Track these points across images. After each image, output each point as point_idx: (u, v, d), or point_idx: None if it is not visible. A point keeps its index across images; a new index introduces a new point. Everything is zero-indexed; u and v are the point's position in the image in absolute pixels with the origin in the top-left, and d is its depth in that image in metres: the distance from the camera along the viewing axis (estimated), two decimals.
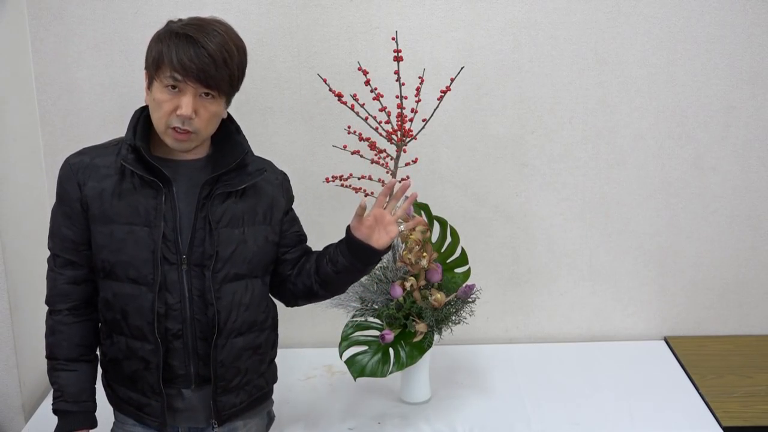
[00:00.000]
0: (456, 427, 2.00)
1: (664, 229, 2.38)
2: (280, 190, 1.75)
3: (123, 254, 1.60)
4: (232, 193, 1.65)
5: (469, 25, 2.24)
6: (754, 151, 2.33)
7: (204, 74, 1.54)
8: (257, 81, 2.26)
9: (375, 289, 1.98)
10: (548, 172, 2.34)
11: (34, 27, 2.21)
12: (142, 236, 1.60)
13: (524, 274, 2.42)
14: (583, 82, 2.28)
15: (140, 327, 1.62)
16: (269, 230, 1.71)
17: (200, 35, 1.54)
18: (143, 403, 1.67)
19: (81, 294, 1.67)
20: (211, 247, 1.62)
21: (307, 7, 2.22)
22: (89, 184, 1.61)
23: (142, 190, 1.61)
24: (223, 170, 1.64)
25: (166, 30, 1.58)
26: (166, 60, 1.54)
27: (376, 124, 1.95)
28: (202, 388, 1.68)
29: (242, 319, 1.67)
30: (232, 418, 1.72)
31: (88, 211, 1.62)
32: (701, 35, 2.25)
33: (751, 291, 2.43)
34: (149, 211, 1.60)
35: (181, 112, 1.55)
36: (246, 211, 1.67)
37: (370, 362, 1.94)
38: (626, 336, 2.45)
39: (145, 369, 1.64)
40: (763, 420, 2.01)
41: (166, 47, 1.54)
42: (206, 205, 1.62)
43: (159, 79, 1.56)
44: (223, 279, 1.64)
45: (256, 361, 1.72)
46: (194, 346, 1.64)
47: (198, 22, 1.58)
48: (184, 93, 1.55)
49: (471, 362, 2.30)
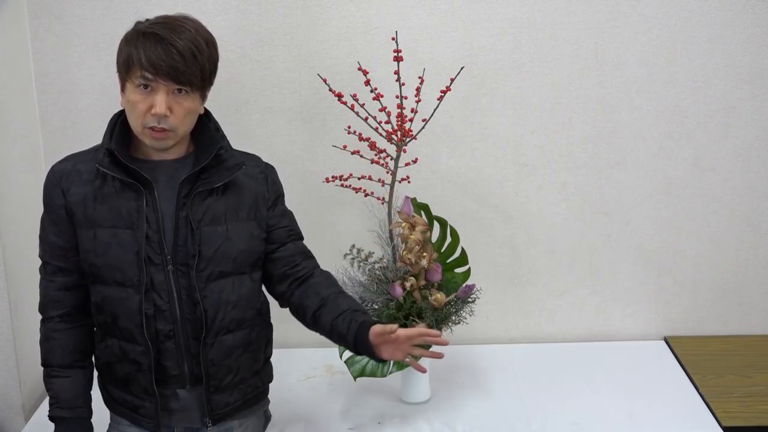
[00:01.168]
0: (456, 427, 2.00)
1: (664, 229, 2.38)
2: (264, 183, 1.73)
3: (108, 257, 1.61)
4: (213, 191, 1.64)
5: (469, 25, 2.24)
6: (754, 151, 2.33)
7: (174, 71, 1.54)
8: (257, 81, 2.26)
9: (375, 289, 1.98)
10: (548, 172, 2.34)
11: (34, 27, 2.21)
12: (125, 239, 1.60)
13: (524, 274, 2.42)
14: (583, 82, 2.28)
15: (130, 329, 1.62)
16: (254, 226, 1.70)
17: (167, 33, 1.54)
18: (137, 404, 1.67)
19: (72, 300, 1.67)
20: (193, 247, 1.61)
21: (307, 7, 2.22)
22: (72, 189, 1.62)
23: (123, 193, 1.61)
24: (199, 167, 1.63)
25: (133, 31, 1.58)
26: (136, 60, 1.54)
27: (376, 124, 1.95)
28: (197, 388, 1.68)
29: (230, 316, 1.66)
30: (227, 418, 1.72)
31: (73, 216, 1.62)
32: (701, 35, 2.25)
33: (751, 291, 2.43)
34: (131, 213, 1.60)
35: (155, 111, 1.55)
36: (228, 207, 1.66)
37: (370, 362, 1.94)
38: (626, 336, 2.45)
39: (138, 371, 1.64)
40: (763, 420, 2.01)
41: (134, 48, 1.55)
42: (186, 204, 1.62)
43: (131, 80, 1.56)
44: (208, 277, 1.63)
45: (248, 359, 1.72)
46: (186, 346, 1.64)
47: (165, 20, 1.59)
48: (156, 91, 1.55)
49: (471, 362, 2.30)
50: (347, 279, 2.00)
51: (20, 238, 2.08)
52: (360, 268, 2.02)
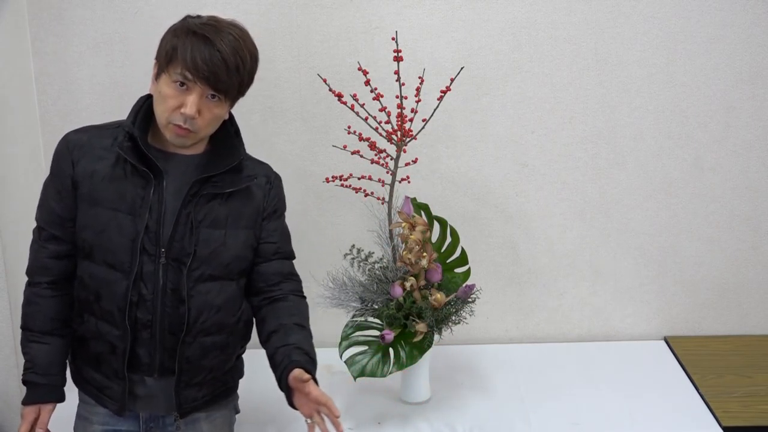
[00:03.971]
0: (456, 427, 2.00)
1: (664, 229, 2.38)
2: (266, 193, 1.74)
3: (104, 238, 1.61)
4: (218, 195, 1.65)
5: (469, 25, 2.24)
6: (754, 151, 2.33)
7: (215, 77, 1.54)
8: (257, 81, 2.24)
9: (375, 289, 1.98)
10: (548, 172, 2.34)
11: (34, 27, 2.21)
12: (125, 224, 1.60)
13: (524, 274, 2.42)
14: (583, 82, 2.28)
15: (111, 312, 1.63)
16: (250, 235, 1.71)
17: (217, 37, 1.54)
18: (105, 385, 1.68)
19: (61, 269, 1.68)
20: (190, 245, 1.62)
21: (307, 7, 2.22)
22: (82, 163, 1.62)
23: (133, 178, 1.61)
24: (216, 173, 1.64)
25: (182, 25, 1.58)
26: (180, 56, 1.53)
27: (376, 124, 1.95)
28: (164, 378, 1.68)
29: (212, 320, 1.67)
30: (194, 411, 1.73)
31: (78, 189, 1.62)
32: (701, 35, 2.25)
33: (751, 291, 2.43)
34: (136, 200, 1.60)
35: (185, 111, 1.55)
36: (230, 213, 1.67)
37: (370, 362, 1.94)
38: (626, 336, 2.45)
39: (111, 353, 1.65)
40: (763, 420, 2.01)
41: (181, 43, 1.54)
42: (191, 202, 1.62)
43: (168, 73, 1.56)
44: (198, 278, 1.64)
45: (222, 360, 1.73)
46: (162, 339, 1.65)
47: (216, 24, 1.58)
48: (191, 92, 1.55)
49: (471, 362, 2.30)
50: (347, 279, 2.00)
51: (20, 238, 2.08)
52: (360, 268, 2.02)
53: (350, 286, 1.99)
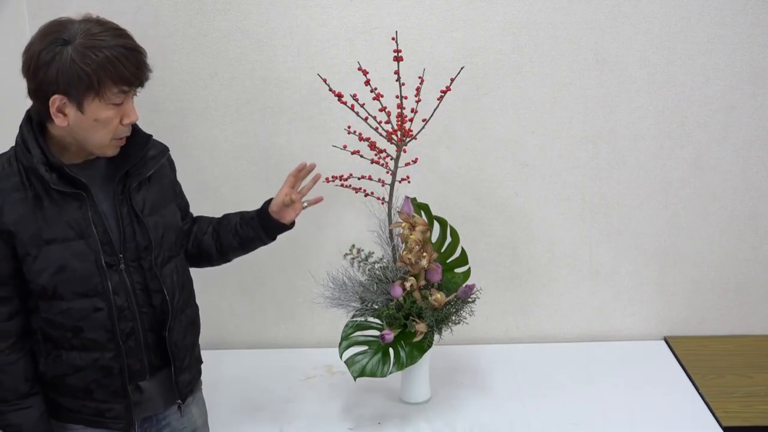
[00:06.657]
0: (456, 427, 2.00)
1: (664, 229, 2.38)
2: (170, 165, 1.77)
3: (67, 272, 1.56)
4: (142, 182, 1.65)
5: (469, 25, 2.24)
6: (754, 151, 2.33)
7: (144, 74, 1.53)
8: (257, 81, 2.26)
9: (375, 289, 1.98)
10: (548, 172, 2.34)
11: (34, 27, 2.19)
12: (82, 250, 1.56)
13: (524, 274, 2.42)
14: (583, 82, 2.28)
15: (95, 339, 1.60)
16: (175, 207, 1.76)
17: (126, 40, 1.50)
18: (103, 409, 1.65)
19: (17, 328, 1.60)
20: (143, 238, 1.63)
21: (307, 7, 2.22)
22: (5, 210, 1.53)
23: (65, 203, 1.55)
24: (135, 162, 1.62)
25: (86, 50, 1.47)
26: (113, 78, 1.47)
27: (376, 124, 1.95)
28: (157, 375, 1.70)
29: (183, 297, 1.71)
30: (188, 396, 1.76)
31: (15, 238, 1.54)
32: (701, 35, 2.25)
33: (751, 291, 2.43)
34: (79, 222, 1.56)
35: (130, 120, 1.54)
36: (158, 193, 1.69)
37: (370, 362, 1.94)
38: (626, 336, 2.45)
39: (107, 376, 1.62)
40: (763, 420, 2.01)
41: (100, 67, 1.46)
42: (124, 199, 1.62)
43: (101, 99, 1.48)
44: (162, 263, 1.66)
45: (195, 334, 1.78)
46: (145, 339, 1.66)
47: (113, 27, 1.52)
48: (126, 100, 1.53)
49: (471, 362, 2.30)
50: (347, 279, 2.00)
51: None
52: (360, 268, 2.02)
53: (350, 286, 1.99)
